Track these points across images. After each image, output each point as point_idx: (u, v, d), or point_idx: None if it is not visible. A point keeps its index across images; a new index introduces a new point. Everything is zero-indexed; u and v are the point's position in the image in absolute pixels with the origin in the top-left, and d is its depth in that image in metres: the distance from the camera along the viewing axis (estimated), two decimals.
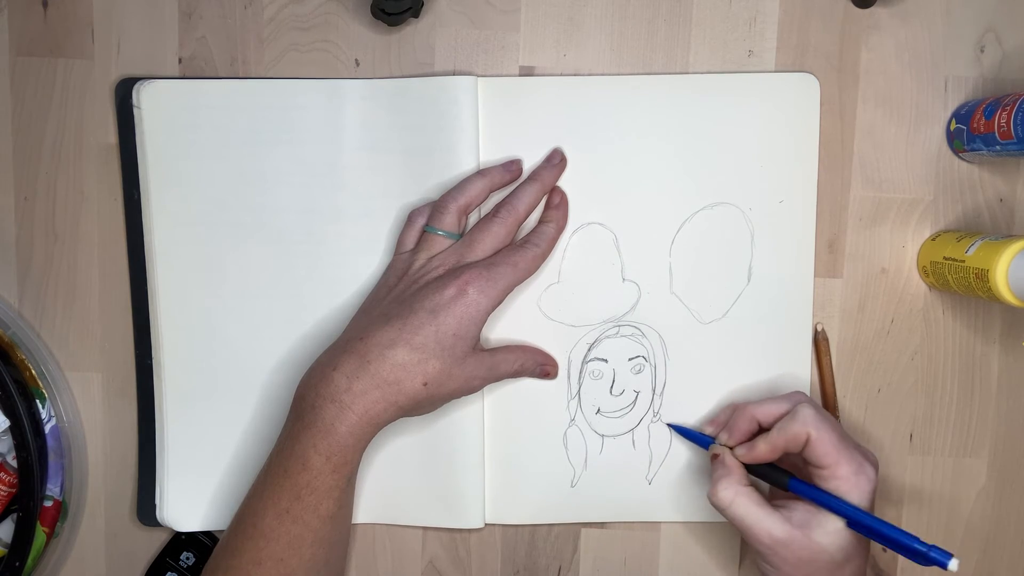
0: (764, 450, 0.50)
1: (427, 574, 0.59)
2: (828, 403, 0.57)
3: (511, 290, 0.51)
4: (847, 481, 0.48)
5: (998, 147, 0.51)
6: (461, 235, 0.53)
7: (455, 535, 0.58)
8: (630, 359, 0.57)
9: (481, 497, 0.57)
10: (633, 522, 0.58)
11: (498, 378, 0.53)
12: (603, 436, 0.57)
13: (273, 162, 0.55)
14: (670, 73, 0.56)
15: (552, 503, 0.58)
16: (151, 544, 0.58)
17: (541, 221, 0.54)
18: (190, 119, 0.55)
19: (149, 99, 0.54)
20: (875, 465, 0.49)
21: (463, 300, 0.49)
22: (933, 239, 0.56)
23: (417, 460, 0.56)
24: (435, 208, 0.53)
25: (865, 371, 0.58)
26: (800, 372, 0.57)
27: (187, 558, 0.57)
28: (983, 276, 0.49)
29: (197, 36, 0.55)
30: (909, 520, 0.58)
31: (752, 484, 0.50)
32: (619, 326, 0.56)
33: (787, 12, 0.56)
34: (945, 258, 0.53)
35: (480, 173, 0.53)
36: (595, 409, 0.57)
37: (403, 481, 0.57)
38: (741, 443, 0.52)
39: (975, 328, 0.57)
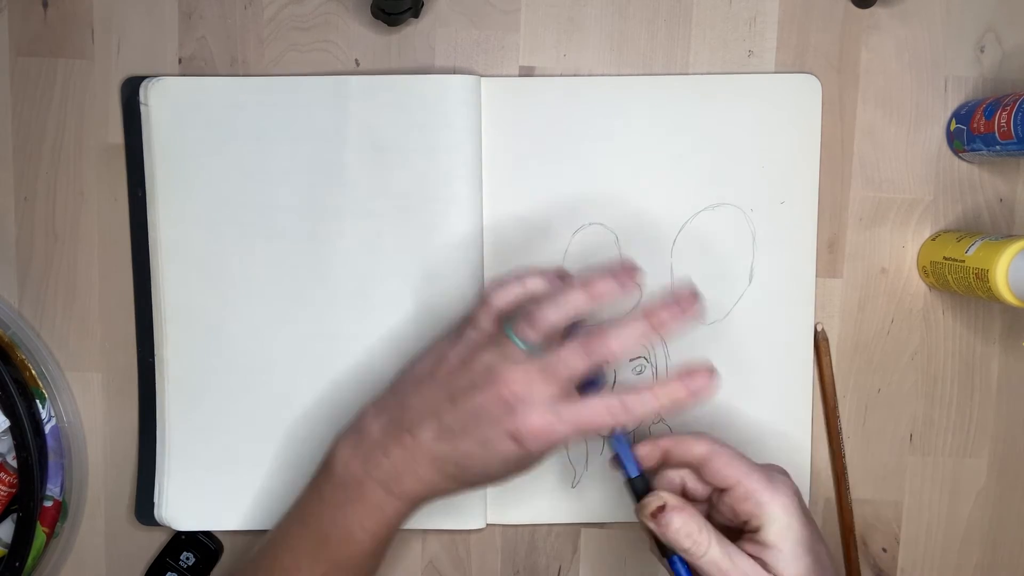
0: (648, 448, 0.47)
1: (427, 574, 0.59)
2: (828, 403, 0.57)
3: (557, 446, 0.46)
4: (764, 493, 0.43)
5: (998, 147, 0.51)
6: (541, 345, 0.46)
7: (455, 535, 0.58)
8: (631, 361, 0.57)
9: (482, 498, 0.57)
10: (633, 522, 0.58)
11: (554, 446, 0.47)
12: (604, 436, 0.57)
13: (278, 159, 0.55)
14: (671, 74, 0.56)
15: (553, 503, 0.58)
16: (151, 544, 0.58)
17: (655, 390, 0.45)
18: (197, 116, 0.55)
19: (156, 96, 0.54)
20: (786, 478, 0.45)
21: (513, 453, 0.45)
22: (933, 239, 0.56)
23: None
24: (525, 315, 0.46)
25: (865, 371, 0.58)
26: (801, 372, 0.57)
27: (187, 558, 0.57)
28: (983, 276, 0.49)
29: (197, 36, 0.55)
30: (909, 520, 0.58)
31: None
32: None
33: (787, 12, 0.56)
34: (945, 258, 0.53)
35: (584, 285, 0.46)
36: None
37: None
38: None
39: (975, 328, 0.58)
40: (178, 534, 0.57)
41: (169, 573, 0.57)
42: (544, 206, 0.56)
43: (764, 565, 0.43)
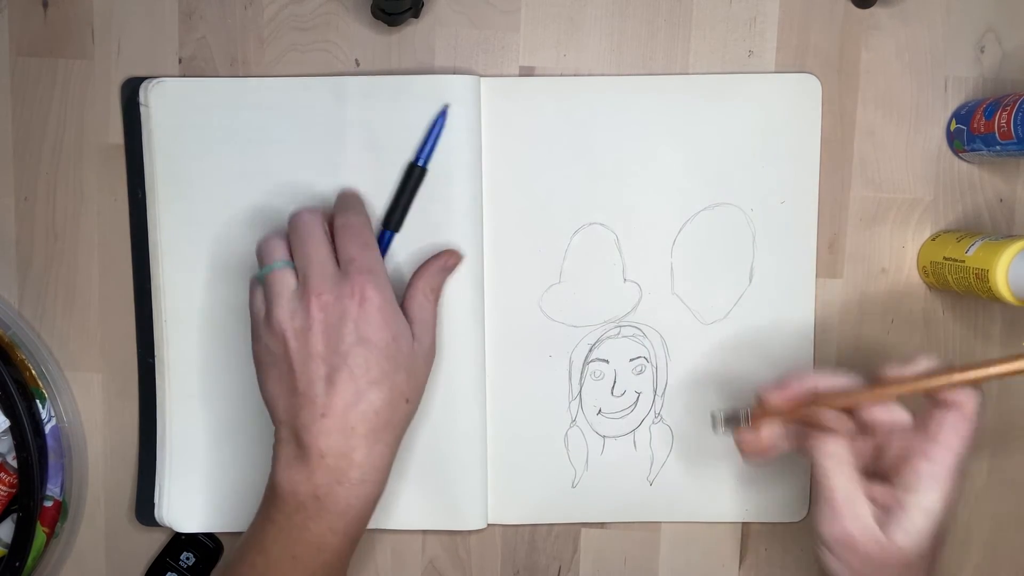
0: (796, 387, 0.46)
1: (427, 574, 0.59)
2: None
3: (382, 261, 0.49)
4: (922, 457, 0.43)
5: (998, 147, 0.51)
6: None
7: (455, 535, 0.58)
8: (631, 360, 0.57)
9: (483, 499, 0.57)
10: (633, 522, 0.58)
11: (434, 319, 0.51)
12: (604, 437, 0.57)
13: (278, 160, 0.55)
14: (672, 74, 0.56)
15: (553, 503, 0.58)
16: (151, 544, 0.58)
17: (333, 208, 0.50)
18: (197, 118, 0.55)
19: (156, 98, 0.54)
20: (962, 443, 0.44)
21: (369, 305, 0.45)
22: (933, 239, 0.56)
23: (418, 463, 0.56)
24: (260, 254, 0.48)
25: (865, 371, 0.58)
26: None
27: (187, 558, 0.57)
28: (983, 276, 0.49)
29: (197, 36, 0.55)
30: None
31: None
32: (620, 327, 0.56)
33: (787, 12, 0.56)
34: (945, 258, 0.53)
35: (306, 220, 0.48)
36: (596, 410, 0.57)
37: (404, 485, 0.56)
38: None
39: (975, 328, 0.58)
40: (178, 534, 0.57)
41: (169, 573, 0.57)
42: (544, 206, 0.56)
43: (881, 522, 0.43)
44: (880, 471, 0.46)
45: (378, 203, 0.55)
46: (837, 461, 0.44)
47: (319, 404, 0.45)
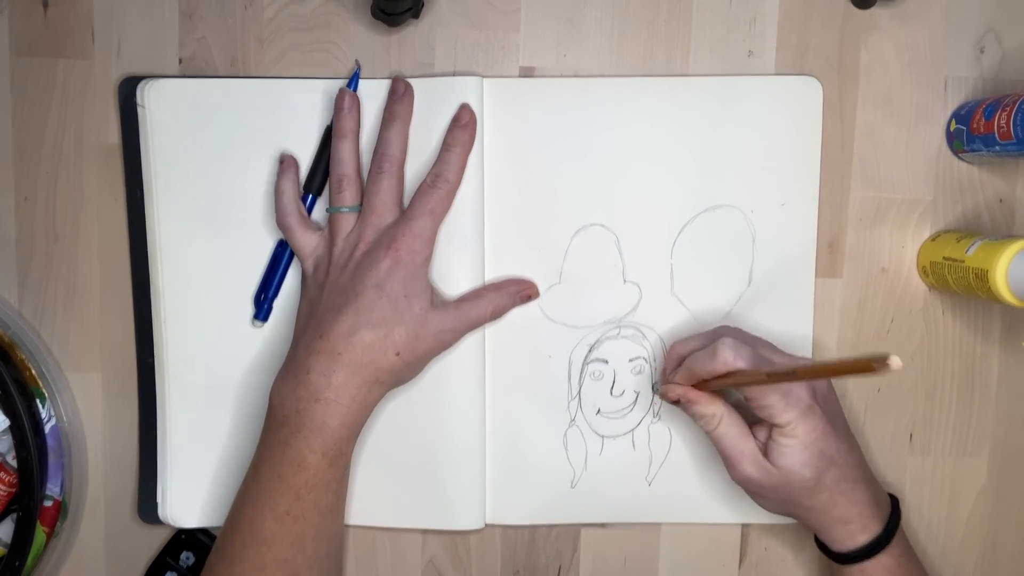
0: (684, 379, 0.50)
1: (427, 574, 0.59)
2: None
3: (437, 232, 0.52)
4: (776, 407, 0.47)
5: (998, 147, 0.51)
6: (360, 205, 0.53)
7: (455, 535, 0.58)
8: (631, 360, 0.57)
9: (482, 499, 0.57)
10: (633, 523, 0.58)
11: (474, 326, 0.54)
12: (603, 437, 0.57)
13: (276, 160, 0.55)
14: (671, 75, 0.56)
15: (552, 504, 0.58)
16: (151, 544, 0.58)
17: (444, 146, 0.53)
18: (194, 118, 0.55)
19: (153, 98, 0.54)
20: (804, 397, 0.48)
21: (400, 264, 0.50)
22: (933, 239, 0.56)
23: (417, 462, 0.56)
24: (333, 187, 0.53)
25: None
26: None
27: (187, 558, 0.57)
28: (983, 276, 0.49)
29: (197, 36, 0.55)
30: (909, 520, 0.58)
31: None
32: (620, 327, 0.56)
33: (787, 12, 0.56)
34: (945, 258, 0.53)
35: (340, 135, 0.53)
36: (595, 410, 0.57)
37: (403, 484, 0.56)
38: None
39: (975, 328, 0.58)
40: (178, 533, 0.58)
41: (169, 573, 0.58)
42: (544, 206, 0.56)
43: (767, 450, 0.49)
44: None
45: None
46: (711, 416, 0.49)
47: (322, 326, 0.50)
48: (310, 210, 0.55)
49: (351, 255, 0.51)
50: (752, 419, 0.50)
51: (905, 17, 0.56)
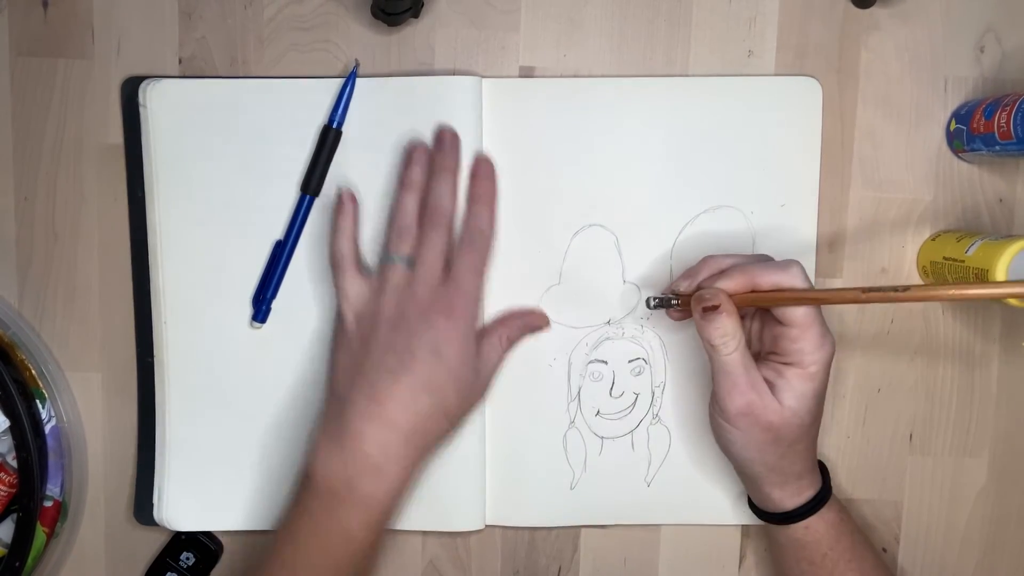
0: (740, 281, 0.48)
1: (427, 574, 0.59)
2: None
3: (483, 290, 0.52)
4: (811, 343, 0.47)
5: (998, 147, 0.51)
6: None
7: (455, 536, 0.58)
8: (630, 361, 0.57)
9: (482, 500, 0.57)
10: (633, 523, 0.58)
11: (499, 367, 0.53)
12: (602, 438, 0.57)
13: (278, 161, 0.55)
14: (671, 75, 0.56)
15: (551, 505, 0.58)
16: (151, 544, 0.58)
17: (471, 199, 0.53)
18: (196, 118, 0.55)
19: (155, 98, 0.54)
20: (833, 343, 0.48)
21: (457, 328, 0.49)
22: (933, 239, 0.56)
23: None
24: (391, 236, 0.52)
25: (865, 371, 0.58)
26: None
27: (187, 558, 0.57)
28: (983, 276, 0.49)
29: (197, 36, 0.55)
30: (909, 520, 0.58)
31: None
32: (620, 328, 0.56)
33: (787, 12, 0.56)
34: (945, 258, 0.53)
35: (407, 187, 0.52)
36: (595, 411, 0.57)
37: None
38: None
39: (975, 328, 0.58)
40: (178, 534, 0.58)
41: (169, 573, 0.58)
42: (544, 207, 0.56)
43: (772, 388, 0.48)
44: (757, 353, 0.50)
45: (380, 203, 0.55)
46: (732, 337, 0.47)
47: (376, 390, 0.48)
48: (307, 211, 0.54)
49: (403, 312, 0.49)
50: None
51: (905, 17, 0.56)
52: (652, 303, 0.53)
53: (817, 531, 0.50)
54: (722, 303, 0.48)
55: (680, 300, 0.52)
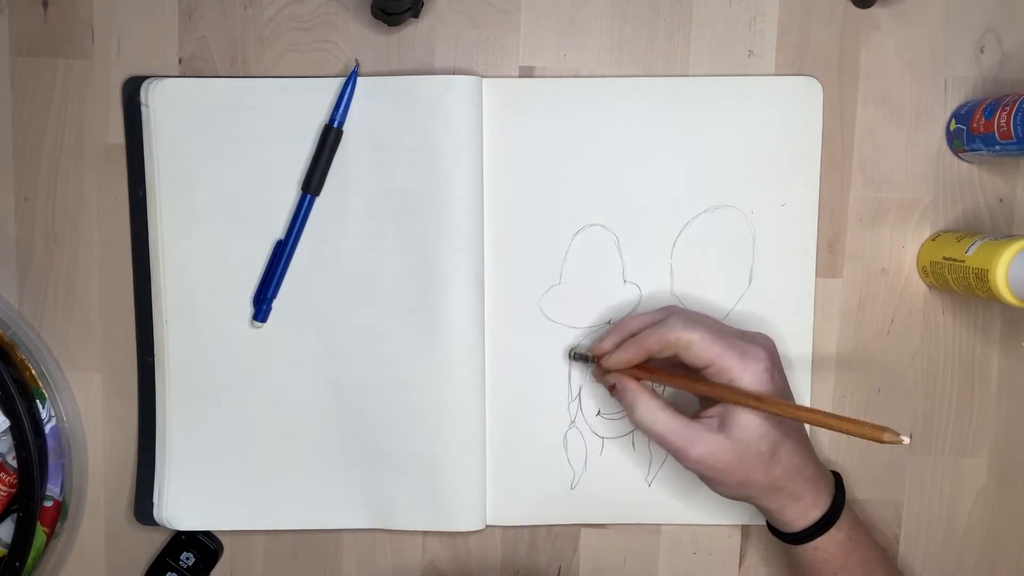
0: (633, 352, 0.49)
1: (427, 574, 0.59)
2: None
3: None
4: (735, 370, 0.47)
5: (998, 147, 0.51)
6: None
7: (455, 535, 0.58)
8: None
9: (482, 499, 0.57)
10: (633, 523, 0.58)
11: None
12: (603, 438, 0.57)
13: (279, 160, 0.55)
14: (671, 75, 0.56)
15: (552, 505, 0.58)
16: (151, 544, 0.58)
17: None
18: (197, 117, 0.55)
19: (157, 97, 0.54)
20: (765, 345, 0.49)
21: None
22: (933, 239, 0.56)
23: (417, 464, 0.56)
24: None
25: (865, 371, 0.58)
26: (800, 375, 0.57)
27: (187, 558, 0.57)
28: (983, 276, 0.49)
29: (197, 36, 0.55)
30: (909, 520, 0.58)
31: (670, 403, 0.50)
32: None
33: (787, 12, 0.56)
34: (945, 258, 0.53)
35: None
36: (595, 411, 0.57)
37: (404, 485, 0.56)
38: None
39: (975, 328, 0.58)
40: (178, 534, 0.58)
41: (169, 573, 0.58)
42: (545, 207, 0.56)
43: (723, 425, 0.48)
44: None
45: (379, 203, 0.55)
46: (651, 407, 0.49)
47: None
48: (308, 211, 0.54)
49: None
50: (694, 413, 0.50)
51: (905, 17, 0.56)
52: (572, 355, 0.55)
53: (826, 552, 0.50)
54: (616, 383, 0.50)
55: (597, 361, 0.52)
